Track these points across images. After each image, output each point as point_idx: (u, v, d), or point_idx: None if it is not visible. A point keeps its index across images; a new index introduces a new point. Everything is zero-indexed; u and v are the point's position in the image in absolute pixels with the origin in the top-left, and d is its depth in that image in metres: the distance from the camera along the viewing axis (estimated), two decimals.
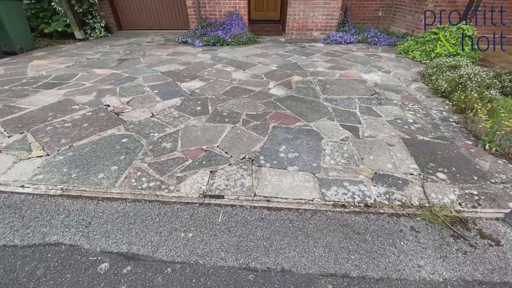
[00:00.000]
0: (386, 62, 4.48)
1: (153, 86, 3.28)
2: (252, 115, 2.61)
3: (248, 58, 4.61)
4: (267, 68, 4.05)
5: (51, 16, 6.39)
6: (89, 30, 6.38)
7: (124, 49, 5.16)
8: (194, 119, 2.52)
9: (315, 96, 3.10)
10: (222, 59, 4.50)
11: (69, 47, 5.47)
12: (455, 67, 3.67)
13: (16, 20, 4.97)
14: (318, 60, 4.50)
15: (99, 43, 5.80)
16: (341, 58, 4.64)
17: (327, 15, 5.85)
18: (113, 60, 4.41)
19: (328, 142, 2.21)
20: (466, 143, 2.28)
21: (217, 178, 1.76)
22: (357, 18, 7.04)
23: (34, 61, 4.34)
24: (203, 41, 5.45)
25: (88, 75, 3.67)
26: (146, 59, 4.49)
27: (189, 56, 4.67)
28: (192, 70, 3.89)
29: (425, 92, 3.32)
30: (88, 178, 1.73)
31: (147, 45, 5.59)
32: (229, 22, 5.84)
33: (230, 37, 5.53)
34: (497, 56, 5.11)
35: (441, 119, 2.68)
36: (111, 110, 2.63)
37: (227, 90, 3.19)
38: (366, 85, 3.44)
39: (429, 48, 4.67)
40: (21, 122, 2.39)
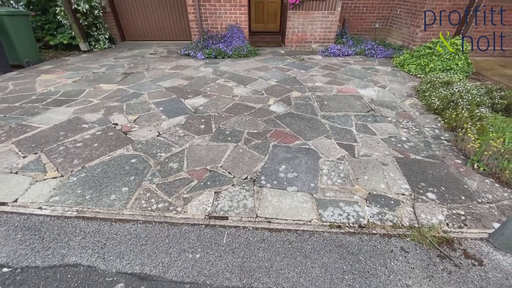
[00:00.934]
0: (382, 76, 4.64)
1: (158, 103, 3.42)
2: (253, 134, 2.74)
3: (249, 72, 4.76)
4: (267, 83, 4.20)
5: (56, 28, 6.56)
6: (93, 41, 6.55)
7: (128, 62, 5.32)
8: (198, 138, 2.65)
9: (313, 113, 3.24)
10: (223, 73, 4.66)
11: (75, 59, 5.62)
12: (448, 83, 3.82)
13: (23, 34, 5.14)
14: (317, 74, 4.65)
15: (104, 55, 5.95)
16: (339, 72, 4.80)
17: (325, 28, 6.03)
18: (118, 74, 4.56)
19: (326, 162, 2.34)
20: (456, 162, 2.41)
21: (221, 199, 1.89)
22: (355, 29, 7.23)
23: (42, 76, 4.49)
24: (205, 54, 5.61)
25: (95, 91, 3.81)
26: (150, 73, 4.64)
27: (191, 70, 4.82)
28: (195, 86, 4.04)
29: (419, 108, 3.46)
30: (101, 200, 1.86)
31: (150, 57, 5.75)
32: (230, 35, 6.02)
33: (231, 50, 5.70)
34: (490, 69, 5.28)
35: (433, 137, 2.81)
36: (119, 129, 2.77)
37: (229, 107, 3.34)
38: (363, 101, 3.58)
39: (424, 62, 4.83)
40: (35, 141, 2.52)
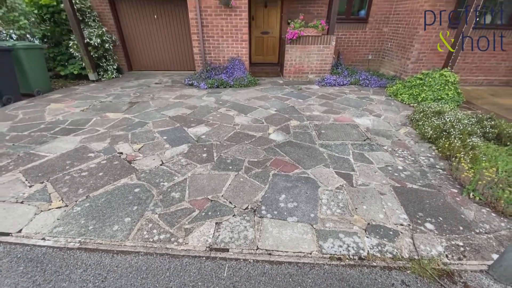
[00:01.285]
0: (377, 105, 4.85)
1: (162, 132, 3.55)
2: (253, 162, 2.83)
3: (249, 101, 4.98)
4: (267, 112, 4.38)
5: (67, 59, 6.95)
6: (102, 72, 6.91)
7: (134, 91, 5.58)
8: (200, 166, 2.73)
9: (312, 141, 3.36)
10: (225, 102, 4.87)
11: (83, 88, 5.90)
12: (440, 112, 4.00)
13: (36, 66, 5.45)
14: (314, 104, 4.87)
15: (111, 84, 6.25)
16: (335, 101, 5.02)
17: (321, 60, 6.41)
18: (125, 103, 4.77)
19: (325, 191, 2.39)
20: (452, 191, 2.47)
21: (222, 230, 1.91)
22: (349, 61, 7.67)
23: (51, 105, 4.69)
24: (208, 84, 5.90)
25: (101, 120, 3.97)
26: (155, 102, 4.86)
27: (195, 99, 5.05)
28: (198, 115, 4.22)
29: (414, 137, 3.59)
30: (104, 230, 1.88)
31: (155, 86, 6.04)
32: (232, 67, 6.38)
33: (232, 80, 6.01)
34: (480, 98, 5.53)
35: (428, 165, 2.89)
36: (124, 158, 2.85)
37: (230, 136, 3.46)
38: (359, 130, 3.72)
39: (416, 92, 5.08)
40: (41, 171, 2.60)
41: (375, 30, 7.26)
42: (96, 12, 6.77)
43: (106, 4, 6.70)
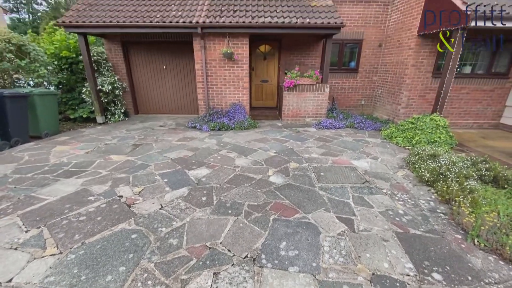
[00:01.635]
0: (373, 148, 5.00)
1: (163, 174, 3.61)
2: (253, 206, 2.82)
3: (250, 143, 5.15)
4: (266, 154, 4.50)
5: (78, 103, 7.39)
6: (109, 115, 7.27)
7: (139, 134, 5.80)
8: (199, 211, 2.71)
9: (311, 184, 3.39)
10: (226, 145, 5.03)
11: (90, 131, 6.13)
12: (434, 155, 4.12)
13: (49, 110, 5.78)
14: (312, 146, 5.02)
15: (117, 127, 6.52)
16: (332, 144, 5.19)
17: (317, 105, 6.82)
18: (128, 146, 4.92)
19: (326, 237, 2.34)
20: (456, 237, 2.41)
21: (220, 282, 1.83)
22: (344, 105, 8.14)
23: (57, 147, 4.83)
24: (210, 127, 6.17)
25: (105, 162, 4.06)
26: (158, 144, 5.01)
27: (197, 141, 5.22)
28: (200, 157, 4.32)
29: (412, 180, 3.63)
30: (96, 281, 1.80)
31: (159, 129, 6.29)
32: (233, 111, 6.75)
33: (234, 123, 6.29)
34: (472, 141, 5.71)
35: (429, 210, 2.88)
36: (124, 202, 2.85)
37: (230, 178, 3.50)
38: (357, 173, 3.78)
39: (409, 135, 5.29)
40: (40, 215, 2.57)
41: (366, 79, 7.88)
42: (110, 63, 7.44)
43: (120, 56, 7.41)
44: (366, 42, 7.51)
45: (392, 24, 7.11)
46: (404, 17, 6.51)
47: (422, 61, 6.20)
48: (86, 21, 5.80)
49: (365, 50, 7.59)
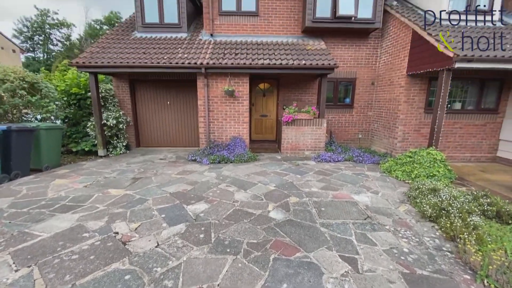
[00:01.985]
0: (373, 182, 4.99)
1: (161, 209, 3.55)
2: (253, 244, 2.72)
3: (249, 176, 5.15)
4: (266, 188, 4.47)
5: (82, 137, 7.55)
6: (111, 148, 7.37)
7: (139, 167, 5.82)
8: (197, 249, 2.62)
9: (312, 220, 3.32)
10: (226, 178, 5.02)
11: (91, 164, 6.17)
12: (435, 189, 4.10)
13: (52, 144, 5.89)
14: (312, 180, 5.02)
15: (118, 160, 6.57)
16: (332, 177, 5.19)
17: (315, 139, 6.97)
18: (128, 179, 4.91)
19: (329, 279, 2.23)
20: (465, 278, 2.30)
21: None
22: (341, 139, 8.31)
23: (56, 180, 4.82)
24: (210, 160, 6.22)
25: (103, 196, 4.02)
26: (157, 178, 5.01)
27: (196, 175, 5.22)
28: (199, 191, 4.29)
29: (414, 215, 3.57)
30: None
31: (159, 162, 6.33)
32: (233, 144, 6.87)
33: (233, 156, 6.36)
34: (472, 174, 5.73)
35: (435, 248, 2.78)
36: (119, 239, 2.77)
37: (229, 214, 3.44)
38: (358, 208, 3.73)
39: (408, 169, 5.32)
40: (31, 252, 2.48)
41: (361, 114, 8.19)
42: (117, 99, 7.80)
43: (127, 93, 7.80)
44: (359, 81, 7.99)
45: (382, 64, 7.65)
46: (393, 59, 7.03)
47: (414, 98, 6.53)
48: (98, 62, 6.25)
49: (359, 88, 8.03)
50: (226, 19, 7.68)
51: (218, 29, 7.74)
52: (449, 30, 5.89)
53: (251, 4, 7.60)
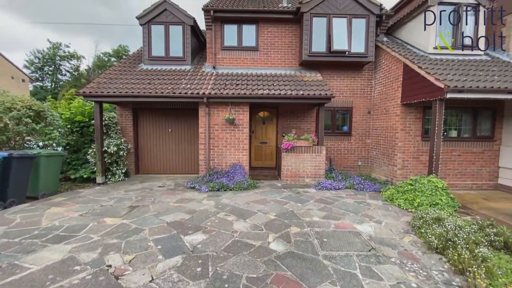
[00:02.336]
0: (376, 211, 4.88)
1: (158, 240, 3.43)
2: (252, 279, 2.59)
3: (249, 205, 5.05)
4: (266, 217, 4.36)
5: (82, 164, 7.55)
6: (110, 175, 7.32)
7: (136, 195, 5.73)
8: (193, 284, 2.48)
9: (314, 252, 3.19)
10: (225, 207, 4.92)
11: (88, 191, 6.08)
12: (439, 219, 4.00)
13: (51, 172, 5.87)
14: (313, 208, 4.91)
15: (116, 188, 6.48)
16: (334, 206, 5.09)
17: (315, 166, 6.98)
18: (125, 208, 4.81)
19: None
20: None
21: None
22: (341, 166, 8.31)
23: (51, 208, 4.72)
24: (209, 187, 6.15)
25: (98, 225, 3.90)
26: (155, 206, 4.91)
27: (195, 203, 5.13)
28: (197, 220, 4.18)
29: (420, 247, 3.44)
30: None
31: (158, 190, 6.25)
32: (233, 171, 6.85)
33: (233, 184, 6.30)
34: (475, 203, 5.63)
35: (444, 282, 2.64)
36: (112, 272, 2.63)
37: (228, 245, 3.31)
38: (362, 239, 3.60)
39: (410, 197, 5.24)
40: (19, 286, 2.34)
41: (360, 141, 8.30)
42: (120, 126, 7.96)
43: (130, 121, 7.99)
44: (356, 109, 8.24)
45: (377, 94, 7.96)
46: (387, 89, 7.35)
47: (410, 126, 6.68)
48: (104, 92, 6.51)
49: (356, 116, 8.26)
50: (228, 53, 8.17)
51: (220, 62, 8.20)
52: (438, 63, 6.25)
53: (251, 40, 8.15)
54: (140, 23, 8.04)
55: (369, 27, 7.43)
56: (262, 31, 8.08)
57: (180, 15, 8.03)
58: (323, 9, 7.40)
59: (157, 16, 8.03)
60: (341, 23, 7.38)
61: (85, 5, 56.90)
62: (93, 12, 57.42)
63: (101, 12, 59.07)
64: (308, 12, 7.39)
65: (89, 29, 51.28)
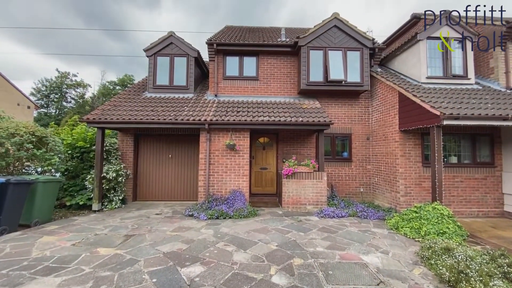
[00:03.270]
0: (381, 240, 4.69)
1: (153, 272, 3.23)
2: None
3: (249, 234, 4.86)
4: (267, 248, 4.17)
5: (78, 190, 7.41)
6: (106, 202, 7.15)
7: (133, 223, 5.53)
8: None
9: (319, 286, 2.99)
10: (224, 236, 4.73)
11: (83, 219, 5.88)
12: (448, 249, 3.82)
13: (47, 199, 5.73)
14: (316, 238, 4.72)
15: (111, 215, 6.29)
16: (338, 235, 4.90)
17: (316, 192, 6.86)
18: (120, 237, 4.61)
19: None
20: None
21: None
22: (343, 193, 8.17)
23: (43, 237, 4.52)
24: (208, 215, 5.97)
25: (90, 256, 3.71)
26: (151, 235, 4.71)
27: (193, 232, 4.93)
28: (194, 250, 3.99)
29: (431, 280, 3.24)
30: None
31: (155, 218, 6.06)
32: (233, 198, 6.71)
33: (232, 211, 6.13)
34: (483, 231, 5.43)
35: None
36: None
37: (227, 278, 3.12)
38: (369, 271, 3.41)
39: (416, 225, 5.07)
40: None
41: (360, 167, 8.27)
42: (120, 152, 7.98)
43: (131, 146, 8.03)
44: (355, 136, 8.35)
45: (374, 121, 8.13)
46: (384, 116, 7.52)
47: (410, 152, 6.72)
48: (108, 118, 6.64)
49: (355, 142, 8.33)
50: (229, 82, 8.52)
51: (222, 91, 8.50)
52: (432, 91, 6.50)
53: (252, 70, 8.56)
54: (147, 55, 8.50)
55: (363, 59, 7.85)
56: (262, 62, 8.51)
57: (185, 48, 8.53)
58: (319, 43, 7.89)
59: (163, 49, 8.52)
60: (336, 55, 7.82)
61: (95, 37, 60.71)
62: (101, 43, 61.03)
63: (109, 44, 62.77)
64: (305, 46, 7.87)
65: (96, 59, 54.08)
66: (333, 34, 7.91)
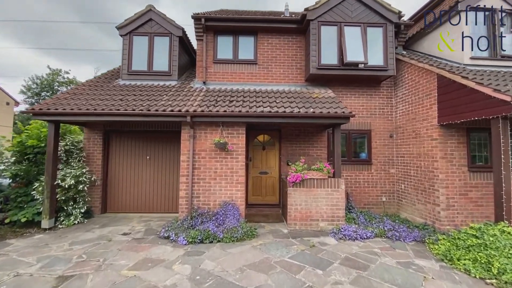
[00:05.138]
0: (438, 282, 3.16)
1: None
2: None
3: (243, 273, 3.32)
4: None
5: (29, 201, 5.82)
6: (62, 216, 5.59)
7: (83, 251, 3.98)
8: None
9: None
10: (206, 277, 3.19)
11: (19, 244, 4.33)
12: None
13: None
14: (342, 279, 3.19)
15: (63, 236, 4.75)
16: (371, 274, 3.36)
17: (332, 205, 5.32)
18: (50, 280, 3.06)
19: None
20: None
21: None
22: (361, 203, 6.64)
23: None
24: (189, 237, 4.43)
25: None
26: (98, 277, 3.16)
27: (161, 270, 3.38)
28: None
29: None
30: None
31: (118, 241, 4.51)
32: (224, 213, 5.16)
33: (222, 232, 4.59)
34: None
35: None
36: None
37: None
38: None
39: (481, 257, 3.54)
40: None
41: (382, 171, 6.74)
42: (85, 153, 6.41)
43: (99, 146, 6.47)
44: (375, 133, 6.81)
45: (400, 115, 6.60)
46: (414, 108, 5.99)
47: (452, 153, 5.19)
48: (59, 109, 5.07)
49: (375, 141, 6.80)
50: (221, 67, 6.96)
51: (212, 77, 6.95)
52: (484, 74, 4.98)
53: (248, 53, 7.01)
54: (121, 34, 6.93)
55: (387, 37, 6.33)
56: (261, 43, 6.96)
57: (167, 25, 6.97)
58: (333, 16, 6.35)
59: (140, 26, 6.96)
60: (354, 31, 6.28)
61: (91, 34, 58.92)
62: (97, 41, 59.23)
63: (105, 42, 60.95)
64: (315, 20, 6.32)
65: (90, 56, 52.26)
66: (349, 6, 6.37)
